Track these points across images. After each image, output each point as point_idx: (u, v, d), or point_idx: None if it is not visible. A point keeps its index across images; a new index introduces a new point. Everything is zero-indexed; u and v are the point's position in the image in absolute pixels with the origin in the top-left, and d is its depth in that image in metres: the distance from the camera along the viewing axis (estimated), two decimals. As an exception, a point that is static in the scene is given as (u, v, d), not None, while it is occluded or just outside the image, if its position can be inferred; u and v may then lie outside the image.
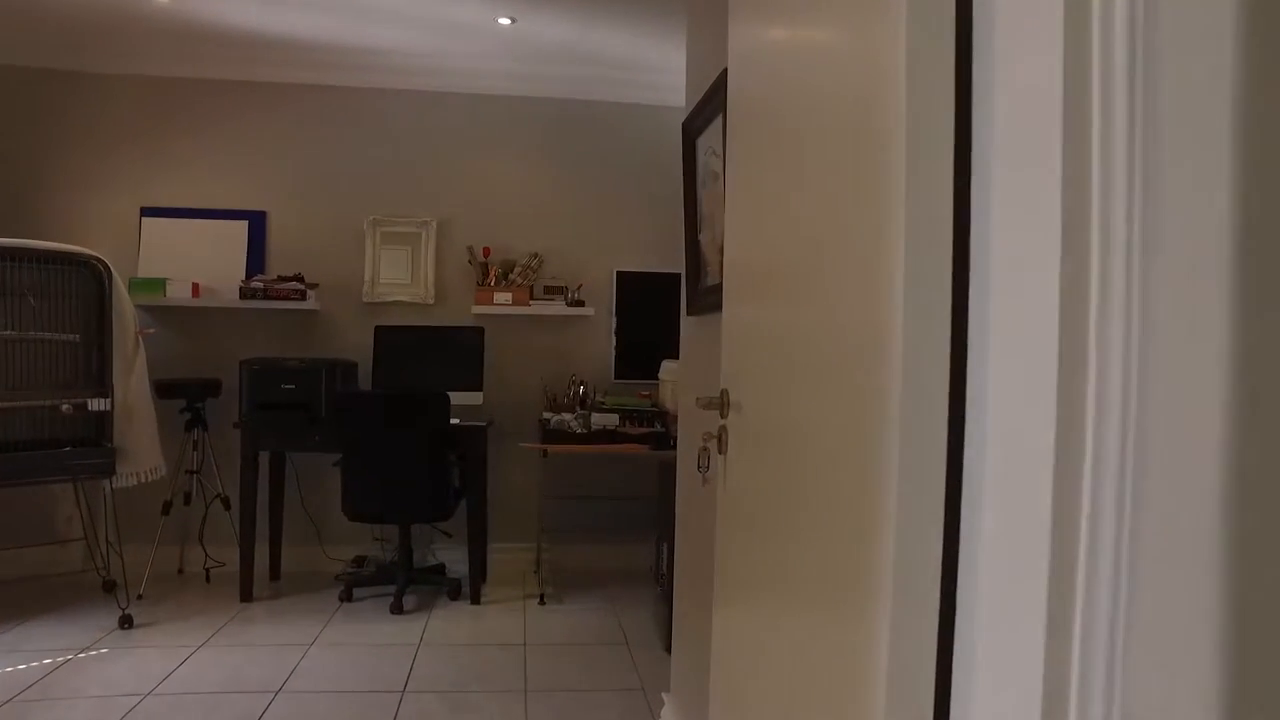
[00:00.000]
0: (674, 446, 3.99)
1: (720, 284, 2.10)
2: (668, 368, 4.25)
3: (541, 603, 3.97)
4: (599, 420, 4.03)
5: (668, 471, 3.57)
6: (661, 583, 3.52)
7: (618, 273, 4.55)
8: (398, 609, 3.78)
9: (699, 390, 2.37)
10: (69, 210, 4.28)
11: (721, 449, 1.54)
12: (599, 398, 4.27)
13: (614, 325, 4.55)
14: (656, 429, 4.07)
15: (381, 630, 3.56)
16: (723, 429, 1.54)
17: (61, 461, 3.45)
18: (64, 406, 3.50)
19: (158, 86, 4.30)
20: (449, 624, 3.67)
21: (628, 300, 4.55)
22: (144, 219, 4.28)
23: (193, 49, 4.19)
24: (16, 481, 3.37)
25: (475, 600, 3.95)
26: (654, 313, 4.56)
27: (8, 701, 2.79)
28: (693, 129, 2.33)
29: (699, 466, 1.58)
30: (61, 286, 3.59)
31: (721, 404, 1.52)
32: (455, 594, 4.00)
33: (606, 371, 4.56)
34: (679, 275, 4.63)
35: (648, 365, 4.52)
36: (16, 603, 3.82)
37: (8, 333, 3.47)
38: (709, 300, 2.21)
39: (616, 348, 4.55)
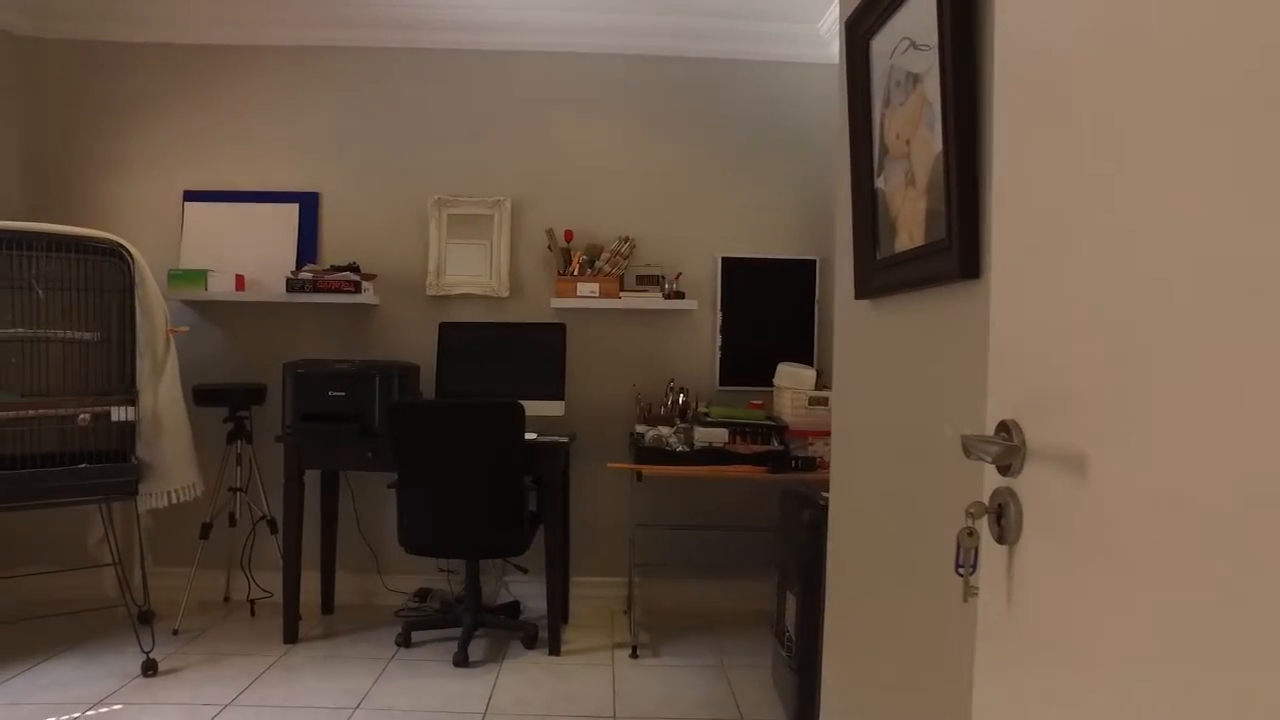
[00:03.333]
0: (796, 468, 3.25)
1: (924, 246, 1.35)
2: (786, 372, 3.50)
3: (634, 655, 3.28)
4: (703, 436, 3.31)
5: (791, 500, 2.83)
6: (787, 644, 2.77)
7: (723, 259, 3.81)
8: (462, 660, 3.14)
9: (864, 408, 1.62)
10: (107, 195, 3.82)
11: (1003, 533, 0.81)
12: (702, 408, 3.55)
13: (719, 321, 3.81)
14: (774, 446, 3.32)
15: (441, 690, 2.93)
16: (1007, 498, 0.80)
17: (79, 480, 2.95)
18: (81, 416, 3.00)
19: (197, 55, 3.80)
20: (523, 683, 3.01)
21: (735, 292, 3.82)
22: (186, 204, 3.78)
23: (237, 10, 3.67)
24: (26, 503, 2.88)
25: (555, 650, 3.28)
26: (767, 306, 3.81)
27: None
28: (865, 25, 1.59)
29: (959, 565, 0.85)
30: (78, 277, 3.10)
31: (1005, 450, 0.79)
32: (531, 641, 3.35)
33: (710, 376, 3.83)
34: (800, 261, 3.94)
35: (760, 369, 3.78)
36: (40, 635, 3.37)
37: (16, 330, 2.98)
38: (898, 275, 1.46)
39: (722, 348, 3.82)
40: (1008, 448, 0.79)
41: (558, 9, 3.64)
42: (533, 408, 3.43)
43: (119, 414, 3.06)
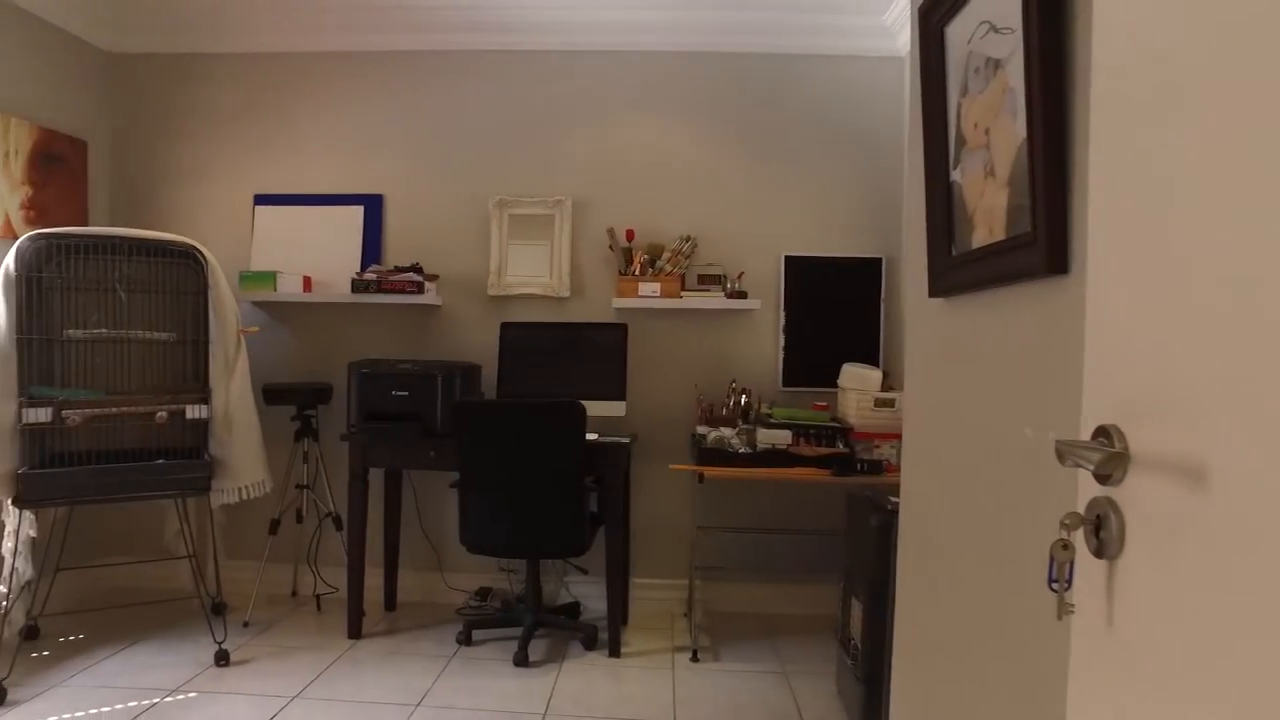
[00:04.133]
0: (862, 471, 3.16)
1: (1005, 241, 1.28)
2: (851, 373, 3.42)
3: (694, 659, 3.24)
4: (766, 437, 3.25)
5: (857, 505, 2.76)
6: (852, 653, 2.70)
7: (786, 258, 3.74)
8: (522, 660, 3.14)
9: (937, 410, 1.55)
10: (183, 200, 3.94)
11: (1102, 547, 0.74)
12: (765, 409, 3.49)
13: (782, 321, 3.74)
14: (839, 449, 3.24)
15: (502, 689, 2.93)
16: (1106, 509, 0.74)
17: (155, 475, 3.05)
18: (159, 414, 3.09)
19: (268, 64, 3.89)
20: (582, 684, 2.99)
21: (799, 291, 3.74)
22: (257, 207, 3.88)
23: (304, 19, 3.74)
24: (109, 497, 2.98)
25: (614, 652, 3.26)
26: (831, 305, 3.72)
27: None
28: (940, 12, 1.52)
29: (1052, 579, 0.78)
30: (157, 279, 3.20)
31: (1108, 458, 0.73)
32: (591, 643, 3.33)
33: (773, 377, 3.76)
34: (865, 259, 3.83)
35: (824, 370, 3.70)
36: (124, 622, 3.50)
37: (101, 331, 3.09)
38: (975, 272, 1.39)
39: (785, 348, 3.75)
40: (1110, 455, 0.73)
41: (618, 8, 3.62)
42: (594, 408, 3.42)
43: (193, 412, 3.15)
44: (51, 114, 3.61)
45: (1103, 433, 0.76)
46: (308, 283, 3.73)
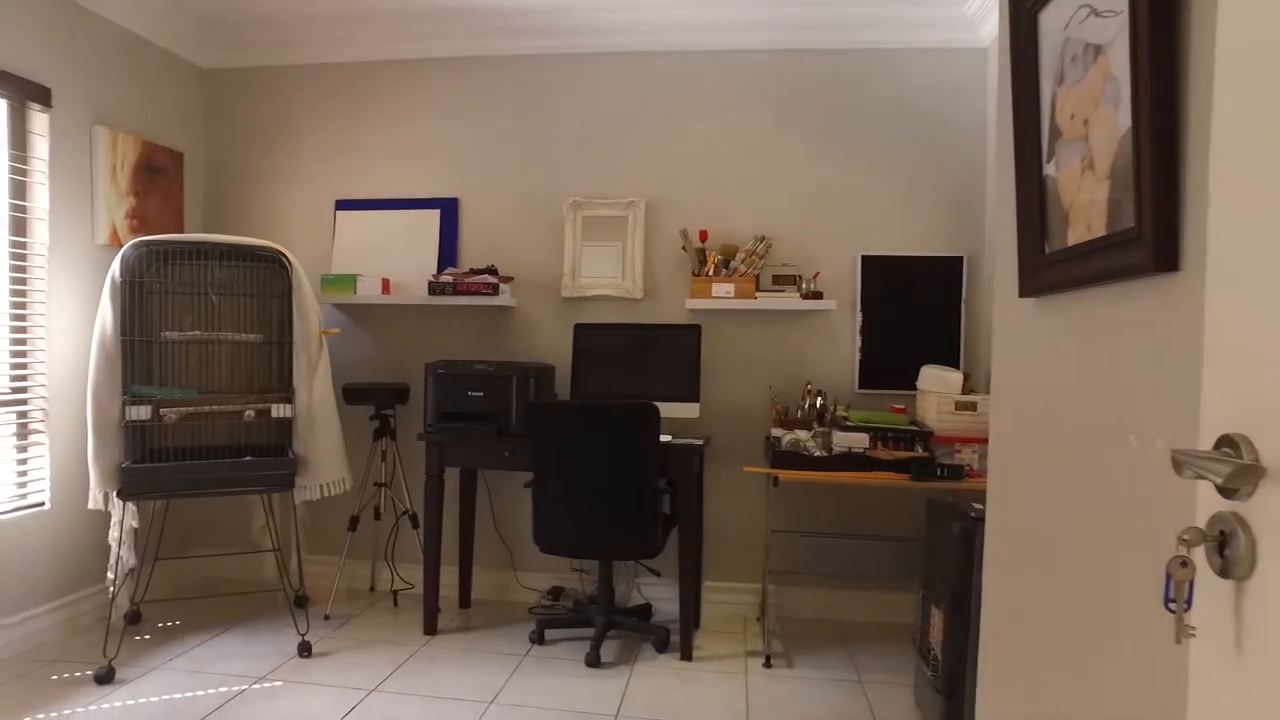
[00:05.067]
0: (942, 476, 3.06)
1: (1106, 237, 1.21)
2: (930, 375, 3.32)
3: (767, 665, 3.19)
4: (842, 440, 3.18)
5: (938, 511, 2.67)
6: (931, 663, 2.61)
7: (863, 258, 3.66)
8: (594, 661, 3.15)
9: (1029, 415, 1.48)
10: (268, 206, 4.09)
11: (1228, 566, 0.69)
12: (841, 412, 3.41)
13: (859, 322, 3.66)
14: (918, 453, 3.15)
15: (574, 689, 2.94)
16: (1233, 525, 0.68)
17: (243, 471, 3.16)
18: (246, 413, 3.21)
19: (348, 73, 4.00)
20: (654, 687, 2.98)
21: (876, 291, 3.65)
22: (338, 212, 3.99)
23: (380, 29, 3.83)
24: (199, 492, 3.10)
25: (686, 655, 3.24)
26: (910, 306, 3.62)
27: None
28: (1033, -2, 1.45)
29: (1169, 599, 0.73)
30: (244, 283, 3.32)
31: (1237, 471, 0.67)
32: (663, 645, 3.32)
33: (849, 379, 3.68)
34: (946, 258, 3.69)
35: (902, 372, 3.60)
36: (214, 611, 3.64)
37: (194, 333, 3.23)
38: (1072, 270, 1.33)
39: (862, 350, 3.66)
40: (1240, 467, 0.67)
41: (691, 7, 3.60)
42: (667, 409, 3.41)
43: (278, 411, 3.26)
44: (153, 128, 3.78)
45: (1228, 443, 0.71)
46: (386, 285, 3.82)
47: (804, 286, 3.57)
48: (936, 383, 3.27)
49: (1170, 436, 1.01)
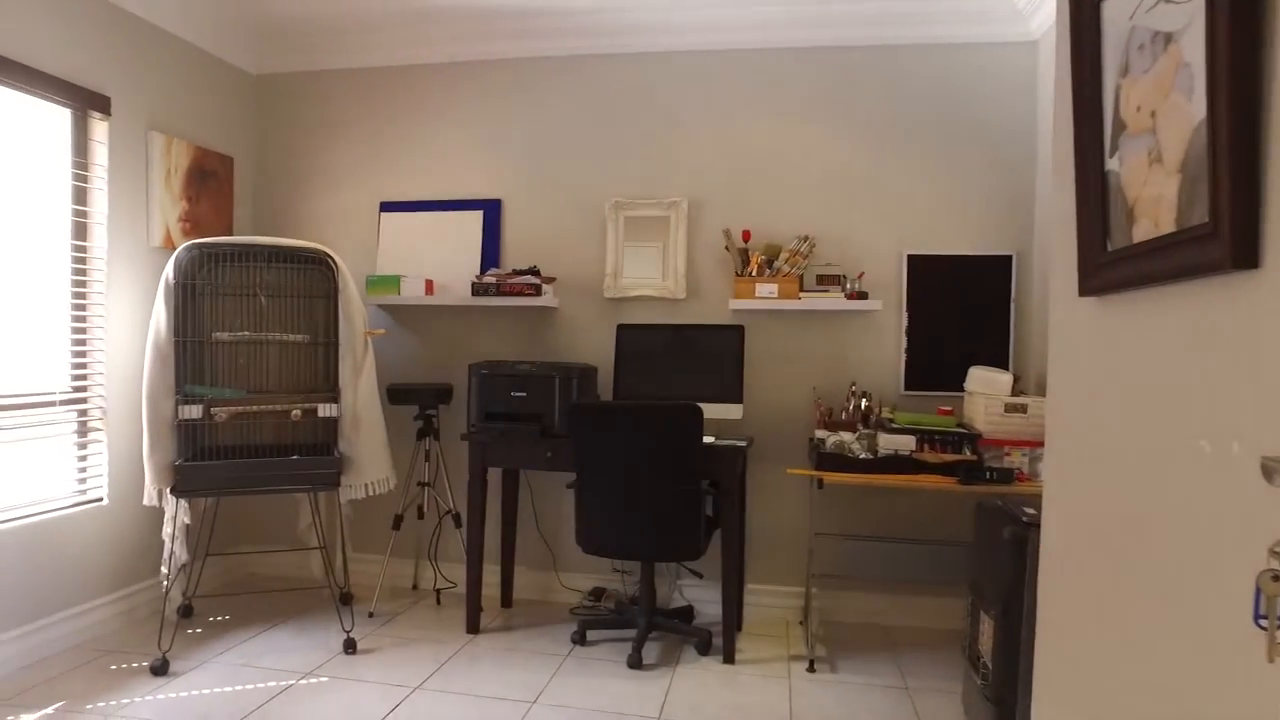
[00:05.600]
0: (991, 480, 3.00)
1: (1176, 233, 1.17)
2: (979, 377, 3.25)
3: (811, 669, 3.15)
4: (888, 443, 3.13)
5: (987, 515, 2.61)
6: (981, 670, 2.55)
7: (909, 257, 3.60)
8: (636, 662, 3.14)
9: (1089, 418, 1.43)
10: (314, 209, 4.15)
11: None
12: (886, 413, 3.36)
13: (904, 322, 3.60)
14: (966, 456, 3.09)
15: (616, 690, 2.93)
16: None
17: (290, 470, 3.21)
18: (294, 412, 3.26)
19: (391, 77, 4.05)
20: (696, 690, 2.96)
21: (922, 291, 3.59)
22: (382, 214, 4.04)
23: (422, 32, 3.87)
24: (248, 489, 3.16)
25: (729, 658, 3.21)
26: (957, 306, 3.56)
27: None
28: (1096, -13, 1.41)
29: (1259, 616, 0.70)
30: (291, 284, 3.37)
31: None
32: (705, 648, 3.29)
33: (895, 381, 3.63)
34: (994, 257, 3.59)
35: (948, 373, 3.54)
36: (263, 607, 3.71)
37: (244, 334, 3.28)
38: (1137, 268, 1.28)
39: (908, 350, 3.60)
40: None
41: (733, 6, 3.57)
42: (710, 410, 3.39)
43: (324, 410, 3.30)
44: (205, 133, 3.86)
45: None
46: (430, 286, 3.85)
47: (848, 286, 3.52)
48: (985, 384, 3.21)
49: (1246, 441, 0.97)
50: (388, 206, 4.03)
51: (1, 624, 2.93)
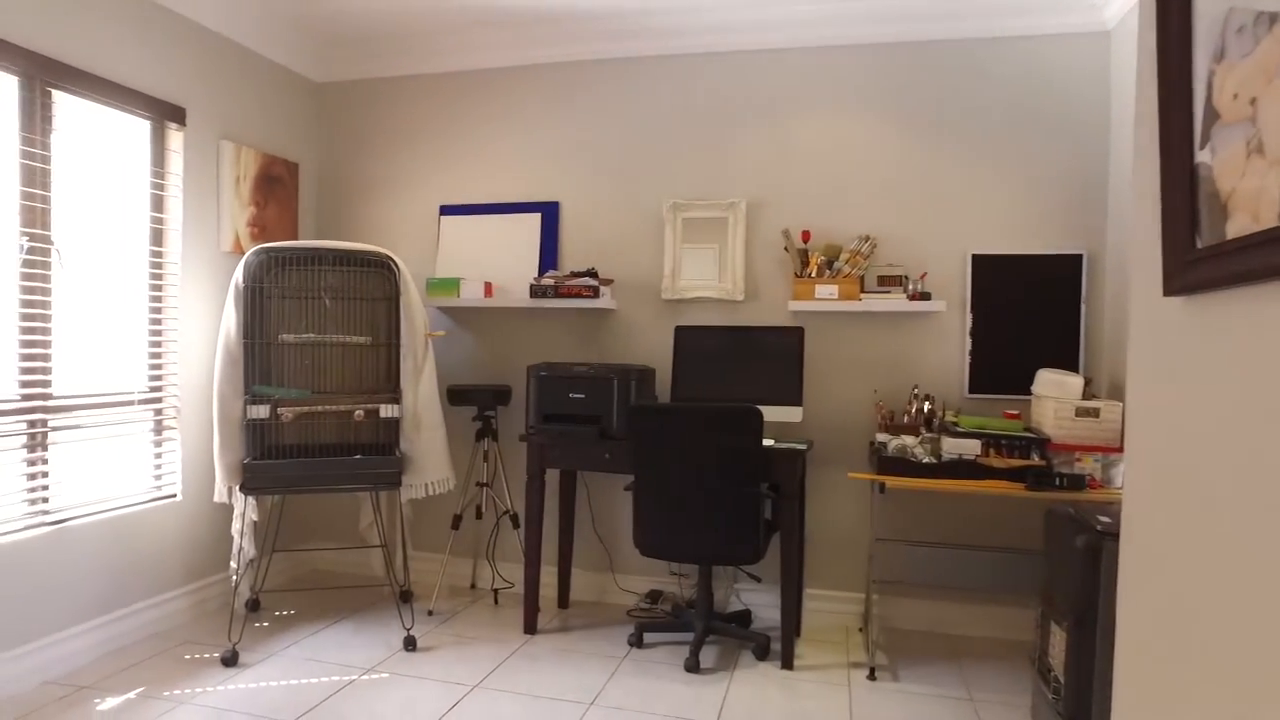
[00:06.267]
0: (1061, 486, 2.90)
1: (1276, 228, 1.10)
2: (1048, 380, 3.15)
3: (871, 677, 3.09)
4: (952, 447, 3.05)
5: (1059, 522, 2.53)
6: (1052, 684, 2.47)
7: (973, 256, 3.51)
8: (694, 666, 3.12)
9: (1177, 424, 1.36)
10: (375, 213, 4.23)
11: None
12: (949, 417, 3.28)
13: (968, 324, 3.51)
14: (1033, 461, 3.00)
15: (673, 694, 2.92)
16: None
17: (353, 469, 3.27)
18: (356, 413, 3.32)
19: (449, 82, 4.10)
20: (754, 696, 2.93)
21: (987, 291, 3.50)
22: (442, 217, 4.10)
23: (478, 38, 3.91)
24: (313, 488, 3.23)
25: (787, 664, 3.17)
26: (1024, 306, 3.46)
27: (292, 724, 2.61)
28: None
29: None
30: (354, 287, 3.44)
31: None
32: (763, 653, 3.26)
33: (958, 383, 3.54)
34: (1064, 256, 3.44)
35: (1015, 376, 3.44)
36: (328, 603, 3.79)
37: (308, 336, 3.36)
38: (1232, 265, 1.21)
39: (972, 352, 3.51)
40: None
41: (789, 3, 3.53)
42: (770, 413, 3.35)
43: (386, 411, 3.36)
44: (272, 141, 3.97)
45: None
46: (488, 288, 3.89)
47: (911, 287, 3.45)
48: (1054, 387, 3.11)
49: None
50: (447, 210, 4.09)
51: (87, 612, 3.06)
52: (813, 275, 3.52)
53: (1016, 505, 3.46)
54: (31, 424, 2.88)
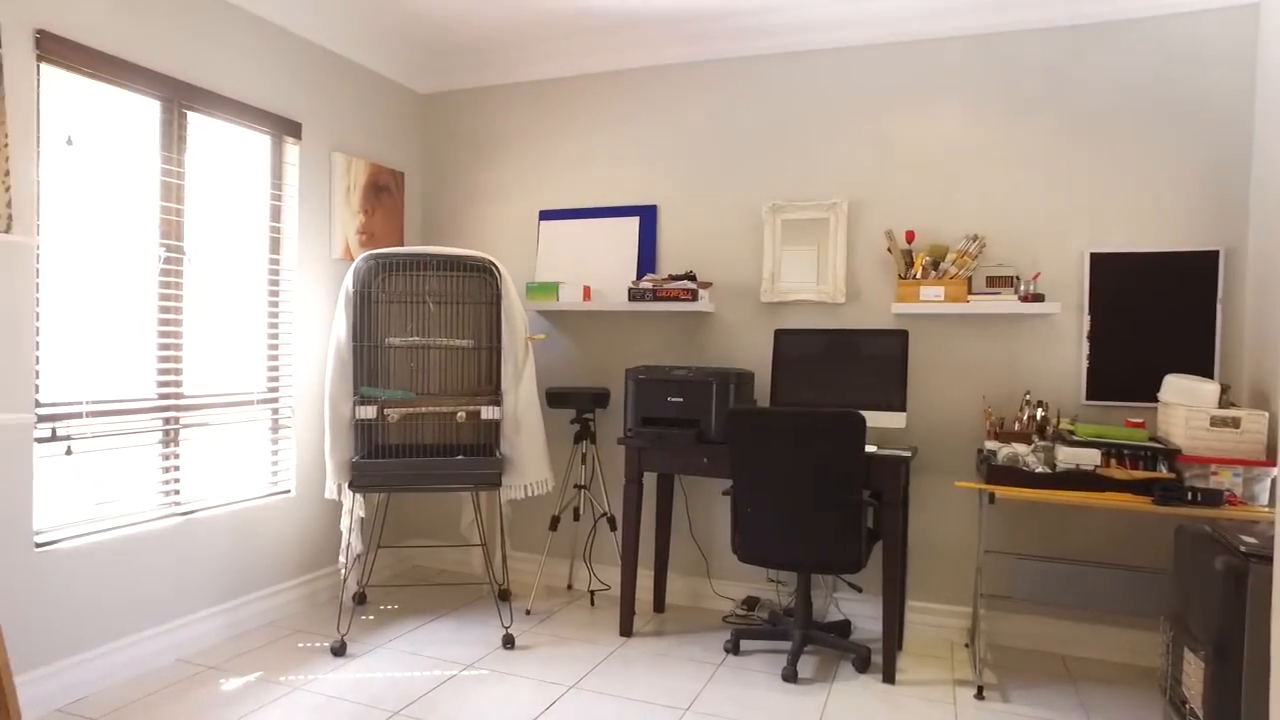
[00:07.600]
0: (1194, 501, 2.70)
1: None
2: (1177, 386, 2.95)
3: (979, 696, 2.95)
4: (1069, 456, 2.89)
5: (1192, 541, 2.36)
6: (1187, 716, 2.30)
7: (1091, 255, 3.32)
8: (791, 676, 3.05)
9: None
10: (479, 219, 4.34)
11: None
12: (1065, 425, 3.11)
13: (1087, 327, 3.32)
14: (1161, 473, 2.81)
15: (770, 704, 2.86)
16: None
17: (455, 469, 3.34)
18: (459, 414, 3.40)
19: (548, 89, 4.17)
20: (854, 708, 2.84)
21: (1107, 293, 3.30)
22: (541, 222, 4.16)
23: (576, 44, 3.95)
24: (418, 487, 3.32)
25: (889, 678, 3.07)
26: (1148, 308, 3.24)
27: (396, 714, 2.70)
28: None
29: None
30: (457, 291, 3.53)
31: None
32: (863, 665, 3.16)
33: (1075, 389, 3.35)
34: (1195, 253, 3.18)
35: (1139, 381, 3.24)
36: (427, 599, 3.90)
37: (413, 339, 3.47)
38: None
39: (1090, 357, 3.32)
40: None
41: (897, -4, 3.43)
42: (872, 418, 3.26)
43: (488, 413, 3.42)
44: (379, 151, 4.13)
45: None
46: (587, 292, 3.93)
47: (1022, 288, 3.29)
48: (1184, 394, 2.90)
49: None
50: (546, 215, 4.15)
51: (213, 598, 3.25)
52: (917, 276, 3.40)
53: (1136, 520, 3.25)
54: (166, 421, 3.08)
